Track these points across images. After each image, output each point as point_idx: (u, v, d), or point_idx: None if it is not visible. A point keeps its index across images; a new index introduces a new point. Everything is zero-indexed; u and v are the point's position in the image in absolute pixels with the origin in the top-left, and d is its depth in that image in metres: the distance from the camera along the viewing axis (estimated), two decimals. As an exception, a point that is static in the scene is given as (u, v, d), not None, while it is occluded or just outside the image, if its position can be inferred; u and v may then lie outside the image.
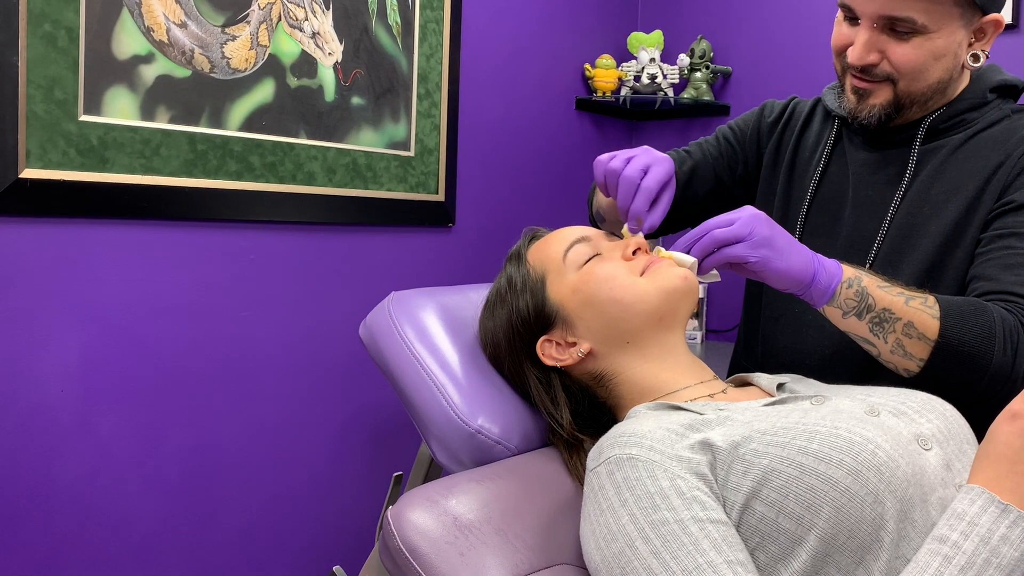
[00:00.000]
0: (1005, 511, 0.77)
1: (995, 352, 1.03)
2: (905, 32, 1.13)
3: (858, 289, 1.05)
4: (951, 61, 1.17)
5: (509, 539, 0.95)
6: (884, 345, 1.07)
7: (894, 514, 0.82)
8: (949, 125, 1.24)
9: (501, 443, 1.11)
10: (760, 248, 1.03)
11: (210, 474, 1.83)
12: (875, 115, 1.21)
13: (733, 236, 1.04)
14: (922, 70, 1.16)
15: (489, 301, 1.21)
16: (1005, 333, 1.04)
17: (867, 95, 1.21)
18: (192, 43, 1.72)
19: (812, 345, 1.27)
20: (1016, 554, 0.75)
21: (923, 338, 1.04)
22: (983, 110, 1.24)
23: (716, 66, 2.75)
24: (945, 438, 0.93)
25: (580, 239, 1.16)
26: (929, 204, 1.21)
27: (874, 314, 1.05)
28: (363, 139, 2.04)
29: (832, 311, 1.07)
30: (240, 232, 1.84)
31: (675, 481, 0.87)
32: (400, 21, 2.11)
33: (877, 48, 1.16)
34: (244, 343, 1.86)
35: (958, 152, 1.22)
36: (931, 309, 1.05)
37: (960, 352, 1.03)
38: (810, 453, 0.84)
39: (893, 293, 1.06)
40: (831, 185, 1.32)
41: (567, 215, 2.61)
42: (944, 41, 1.14)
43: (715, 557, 0.81)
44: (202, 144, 1.75)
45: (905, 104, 1.21)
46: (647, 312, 1.08)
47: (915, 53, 1.14)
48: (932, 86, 1.19)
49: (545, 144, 2.65)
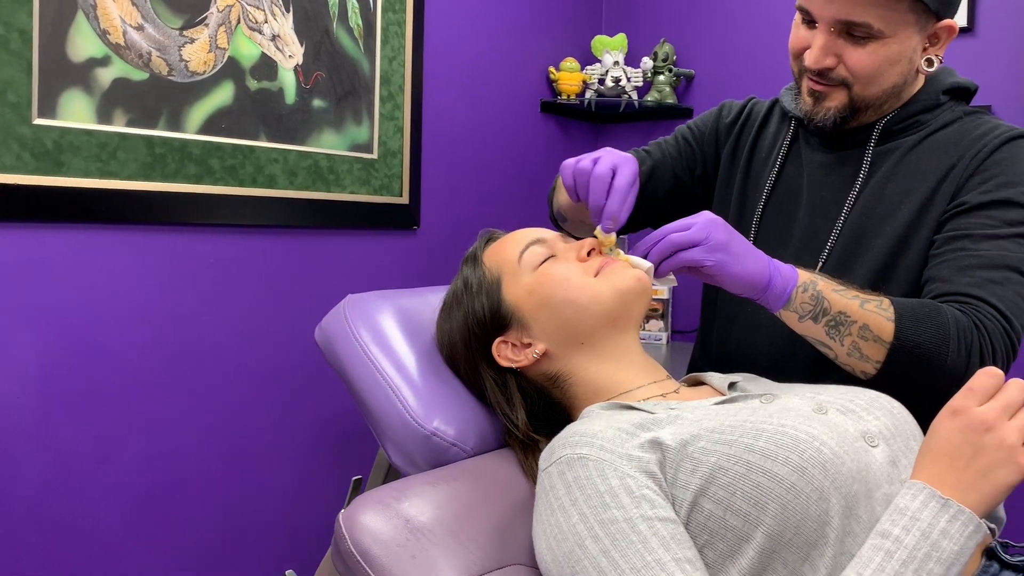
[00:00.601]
0: (945, 506, 0.78)
1: (949, 353, 1.04)
2: (861, 37, 1.14)
3: (813, 293, 1.06)
4: (906, 66, 1.19)
5: (462, 540, 0.95)
6: (841, 348, 1.08)
7: (839, 510, 0.83)
8: (903, 127, 1.25)
9: (456, 445, 1.11)
10: (716, 252, 1.04)
11: (170, 480, 1.81)
12: (830, 117, 1.22)
13: (690, 240, 1.04)
14: (877, 75, 1.17)
15: (446, 303, 1.21)
16: (959, 334, 1.05)
17: (823, 98, 1.22)
18: (149, 46, 1.71)
19: (765, 345, 1.28)
20: (955, 548, 0.77)
21: (879, 340, 1.05)
22: (936, 112, 1.25)
23: (679, 69, 2.77)
24: (892, 435, 0.94)
25: (536, 241, 1.16)
26: (882, 205, 1.22)
27: (830, 317, 1.06)
28: (325, 142, 2.04)
29: (788, 315, 1.08)
30: (200, 236, 1.83)
31: (625, 480, 0.87)
32: (362, 24, 2.11)
33: (833, 52, 1.17)
34: (204, 348, 1.85)
35: (911, 154, 1.23)
36: (886, 312, 1.06)
37: (915, 354, 1.04)
38: (757, 451, 0.85)
39: (848, 296, 1.07)
40: (786, 186, 1.33)
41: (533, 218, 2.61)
42: (899, 46, 1.16)
43: (663, 555, 0.82)
44: (160, 147, 1.74)
45: (860, 108, 1.22)
46: (601, 313, 1.09)
47: (871, 58, 1.15)
48: (887, 90, 1.20)
49: (510, 146, 2.66)
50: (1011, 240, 1.11)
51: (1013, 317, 1.08)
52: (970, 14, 2.28)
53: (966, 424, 0.80)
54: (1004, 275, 1.09)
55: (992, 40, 2.27)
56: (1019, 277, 1.10)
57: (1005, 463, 0.79)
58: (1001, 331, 1.07)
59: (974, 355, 1.05)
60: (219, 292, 1.87)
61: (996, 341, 1.06)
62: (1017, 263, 1.10)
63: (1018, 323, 1.08)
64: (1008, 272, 1.09)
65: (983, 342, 1.05)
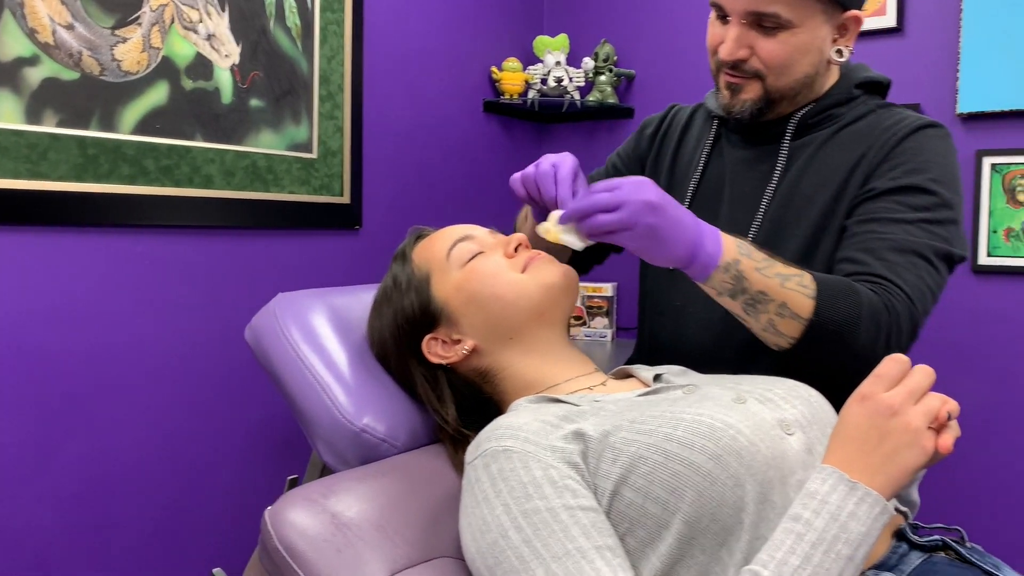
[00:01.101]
0: (853, 489, 0.80)
1: (861, 332, 1.07)
2: (771, 27, 1.18)
3: (735, 273, 1.06)
4: (816, 56, 1.23)
5: (388, 535, 0.96)
6: (756, 324, 1.10)
7: (754, 496, 0.85)
8: (818, 120, 1.29)
9: (387, 441, 1.12)
10: (642, 240, 1.02)
11: (105, 484, 1.79)
12: (747, 109, 1.26)
13: (618, 224, 1.01)
14: (788, 65, 1.21)
15: (376, 301, 1.21)
16: (871, 315, 1.08)
17: (739, 90, 1.25)
18: (80, 45, 1.69)
19: (693, 338, 1.30)
20: (863, 529, 0.79)
21: (796, 317, 1.07)
22: (850, 105, 1.29)
23: (620, 69, 2.80)
24: (809, 423, 0.97)
25: (464, 237, 1.17)
26: (799, 196, 1.26)
27: (748, 296, 1.07)
28: (263, 141, 2.02)
29: (708, 289, 1.09)
30: (135, 237, 1.81)
31: (548, 471, 0.89)
32: (299, 23, 2.10)
33: (746, 44, 1.21)
34: (140, 350, 1.83)
35: (826, 146, 1.27)
36: (806, 289, 1.07)
37: (828, 331, 1.07)
38: (675, 440, 0.87)
39: (770, 275, 1.07)
40: (709, 184, 1.36)
41: (477, 216, 2.63)
42: (808, 36, 1.19)
43: (584, 543, 0.84)
44: (93, 148, 1.71)
45: (775, 98, 1.25)
46: (528, 308, 1.10)
47: (781, 48, 1.19)
48: (799, 80, 1.24)
49: (454, 146, 2.67)
50: (917, 225, 1.15)
51: (918, 301, 1.12)
52: (899, 14, 2.34)
53: (873, 409, 0.83)
54: (911, 260, 1.13)
55: (920, 39, 2.33)
56: (924, 263, 1.14)
57: (910, 446, 0.81)
58: (908, 314, 1.10)
59: (882, 335, 1.08)
60: (155, 294, 1.85)
61: (903, 323, 1.10)
62: (922, 248, 1.14)
63: (921, 307, 1.12)
64: (914, 257, 1.14)
65: (892, 323, 1.09)
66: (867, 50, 2.40)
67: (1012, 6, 2.17)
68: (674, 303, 1.33)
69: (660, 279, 1.39)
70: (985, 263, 2.24)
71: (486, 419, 1.12)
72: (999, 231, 2.22)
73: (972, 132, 2.26)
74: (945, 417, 0.82)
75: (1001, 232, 2.22)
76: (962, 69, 2.23)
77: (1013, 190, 2.21)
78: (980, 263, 2.25)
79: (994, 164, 2.22)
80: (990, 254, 2.24)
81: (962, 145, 2.27)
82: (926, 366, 0.85)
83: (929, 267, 1.14)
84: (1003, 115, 2.21)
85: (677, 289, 1.33)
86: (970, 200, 2.26)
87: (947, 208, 1.18)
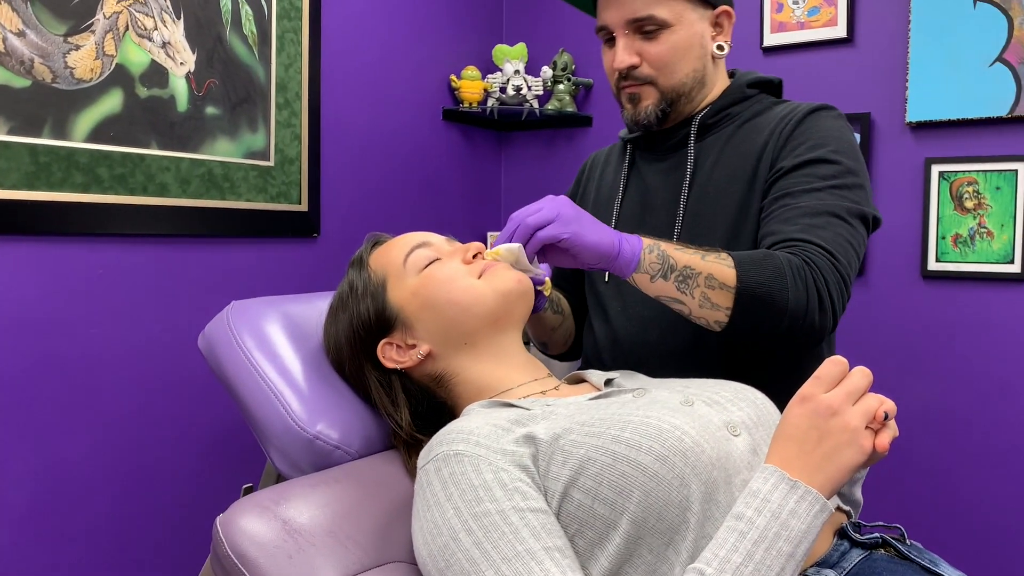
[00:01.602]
0: (794, 487, 0.82)
1: (788, 288, 1.11)
2: (652, 30, 1.29)
3: (659, 253, 1.12)
4: (699, 51, 1.33)
5: (341, 540, 0.96)
6: (692, 301, 1.13)
7: (699, 496, 0.87)
8: (717, 120, 1.37)
9: (341, 448, 1.12)
10: (570, 225, 1.10)
11: (57, 494, 1.77)
12: (651, 114, 1.35)
13: (544, 219, 1.10)
14: (674, 62, 1.31)
15: (332, 307, 1.22)
16: (794, 272, 1.12)
17: (638, 99, 1.35)
18: (32, 52, 1.67)
19: (638, 337, 1.36)
20: (803, 526, 0.81)
21: (724, 287, 1.12)
22: (745, 104, 1.38)
23: (578, 78, 2.83)
24: (755, 424, 0.99)
25: (421, 244, 1.18)
26: (714, 190, 1.32)
27: (677, 272, 1.12)
28: (219, 149, 2.02)
29: (641, 277, 1.13)
30: (89, 246, 1.79)
31: (499, 474, 0.90)
32: (256, 31, 2.10)
33: (634, 51, 1.31)
34: (94, 360, 1.81)
35: (731, 141, 1.35)
36: (726, 261, 1.13)
37: (758, 294, 1.11)
38: (622, 441, 0.89)
39: (690, 252, 1.14)
40: (632, 201, 1.43)
41: (436, 225, 2.63)
42: (686, 32, 1.31)
43: (534, 544, 0.85)
44: (45, 156, 1.70)
45: (672, 98, 1.34)
46: (483, 314, 1.11)
47: (665, 48, 1.30)
48: (689, 75, 1.33)
49: (413, 153, 2.67)
50: (827, 192, 1.22)
51: (837, 253, 1.16)
52: (849, 25, 2.39)
53: (813, 409, 0.85)
54: (825, 220, 1.19)
55: (870, 50, 2.38)
56: (838, 221, 1.19)
57: (849, 445, 0.83)
58: (829, 265, 1.15)
59: (811, 289, 1.13)
60: (110, 303, 1.84)
61: (828, 275, 1.14)
62: (835, 209, 1.20)
63: (843, 259, 1.17)
64: (828, 217, 1.19)
65: (815, 276, 1.13)
66: (818, 60, 2.45)
67: (959, 18, 2.22)
68: (615, 308, 1.39)
69: (600, 287, 1.44)
70: (934, 268, 2.29)
71: (440, 424, 1.13)
72: (947, 237, 2.28)
73: (921, 141, 2.31)
74: (882, 417, 0.84)
75: (949, 238, 2.28)
76: (911, 79, 2.29)
77: (960, 197, 2.26)
78: (929, 269, 2.30)
79: (942, 172, 2.27)
80: (938, 260, 2.29)
81: (911, 153, 2.32)
82: (864, 368, 0.87)
83: (844, 224, 1.19)
84: (951, 124, 2.26)
85: (619, 295, 1.39)
86: (919, 207, 2.32)
87: (852, 175, 1.24)
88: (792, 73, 2.47)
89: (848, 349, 1.23)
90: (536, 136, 3.00)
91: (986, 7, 2.20)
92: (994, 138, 2.22)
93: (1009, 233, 2.20)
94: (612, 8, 1.32)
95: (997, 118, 2.19)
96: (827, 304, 1.14)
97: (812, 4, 2.44)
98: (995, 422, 2.25)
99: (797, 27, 2.47)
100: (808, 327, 1.13)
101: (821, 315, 1.13)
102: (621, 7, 1.30)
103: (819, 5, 2.43)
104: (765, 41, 2.51)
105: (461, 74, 2.79)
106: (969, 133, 2.25)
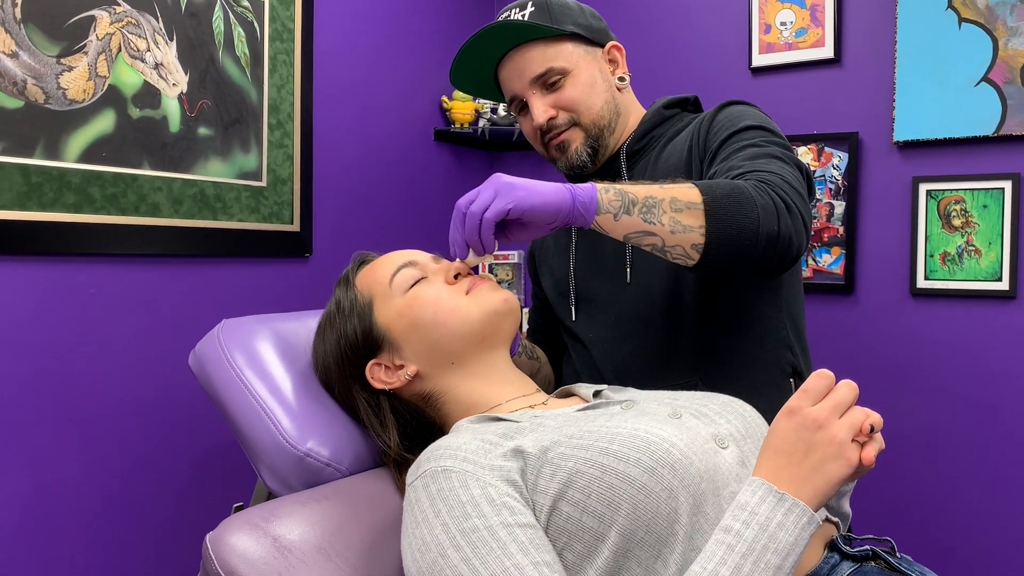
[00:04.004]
0: (781, 500, 0.83)
1: (753, 197, 1.08)
2: (556, 80, 1.37)
3: (616, 191, 1.07)
4: (604, 84, 1.41)
5: (331, 557, 0.96)
6: (663, 228, 1.07)
7: (687, 508, 0.88)
8: (643, 145, 1.42)
9: (331, 465, 1.12)
10: (512, 193, 1.04)
11: (49, 513, 1.76)
12: (582, 152, 1.40)
13: (484, 202, 1.04)
14: (586, 98, 1.38)
15: (320, 325, 1.22)
16: (752, 186, 1.10)
17: (567, 145, 1.40)
18: (24, 73, 1.68)
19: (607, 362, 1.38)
20: (791, 539, 0.81)
21: (691, 206, 1.07)
22: (666, 125, 1.44)
23: (569, 98, 2.85)
24: (743, 437, 1.00)
25: (407, 263, 1.19)
26: None
27: (640, 204, 1.07)
28: (211, 169, 2.02)
29: (604, 219, 1.07)
30: (80, 266, 1.80)
31: (486, 489, 0.90)
32: (248, 52, 2.11)
33: (548, 104, 1.38)
34: (86, 381, 1.81)
35: (659, 160, 1.39)
36: (685, 183, 1.10)
37: (726, 204, 1.07)
38: (611, 454, 0.89)
39: (646, 184, 1.10)
40: (583, 253, 1.46)
41: (427, 245, 2.64)
42: (587, 72, 1.39)
43: (522, 559, 0.85)
44: (37, 176, 1.70)
45: (596, 132, 1.40)
46: (470, 333, 1.12)
47: (574, 90, 1.37)
48: (604, 107, 1.40)
49: (404, 174, 2.68)
50: (756, 146, 1.23)
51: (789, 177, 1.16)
52: (836, 46, 2.41)
53: (800, 423, 0.86)
54: (765, 160, 1.20)
55: (857, 71, 2.41)
56: (777, 160, 1.20)
57: (835, 458, 0.84)
58: (781, 181, 1.13)
59: (774, 197, 1.09)
60: (102, 324, 1.84)
61: (783, 187, 1.13)
62: (771, 151, 1.22)
63: (794, 180, 1.16)
64: (767, 158, 1.20)
65: (772, 189, 1.11)
66: (806, 81, 2.47)
67: (944, 39, 2.25)
68: (588, 336, 1.42)
69: (569, 324, 1.46)
70: (923, 286, 2.30)
71: (429, 442, 1.13)
72: (935, 255, 2.29)
73: (908, 160, 2.33)
74: (868, 429, 0.84)
75: (937, 256, 2.29)
76: (898, 99, 2.31)
77: (948, 215, 2.28)
78: (918, 286, 2.31)
79: (930, 191, 2.29)
80: (927, 277, 2.30)
81: (898, 172, 2.34)
82: (850, 381, 0.88)
83: (783, 163, 1.20)
84: (938, 143, 2.28)
85: (590, 324, 1.42)
86: (907, 225, 2.33)
87: (777, 135, 1.27)
88: (780, 94, 2.50)
89: (837, 365, 1.23)
90: (527, 157, 3.01)
91: (971, 28, 2.23)
92: (981, 157, 2.24)
93: (997, 251, 2.21)
94: (514, 78, 1.39)
95: (983, 137, 2.21)
96: (794, 209, 1.11)
97: (800, 25, 2.47)
98: (983, 438, 2.25)
99: (785, 48, 2.49)
100: (784, 233, 1.08)
101: (792, 218, 1.10)
102: (521, 73, 1.37)
103: (807, 26, 2.45)
104: (753, 62, 2.54)
105: (452, 95, 2.81)
106: (956, 152, 2.27)
